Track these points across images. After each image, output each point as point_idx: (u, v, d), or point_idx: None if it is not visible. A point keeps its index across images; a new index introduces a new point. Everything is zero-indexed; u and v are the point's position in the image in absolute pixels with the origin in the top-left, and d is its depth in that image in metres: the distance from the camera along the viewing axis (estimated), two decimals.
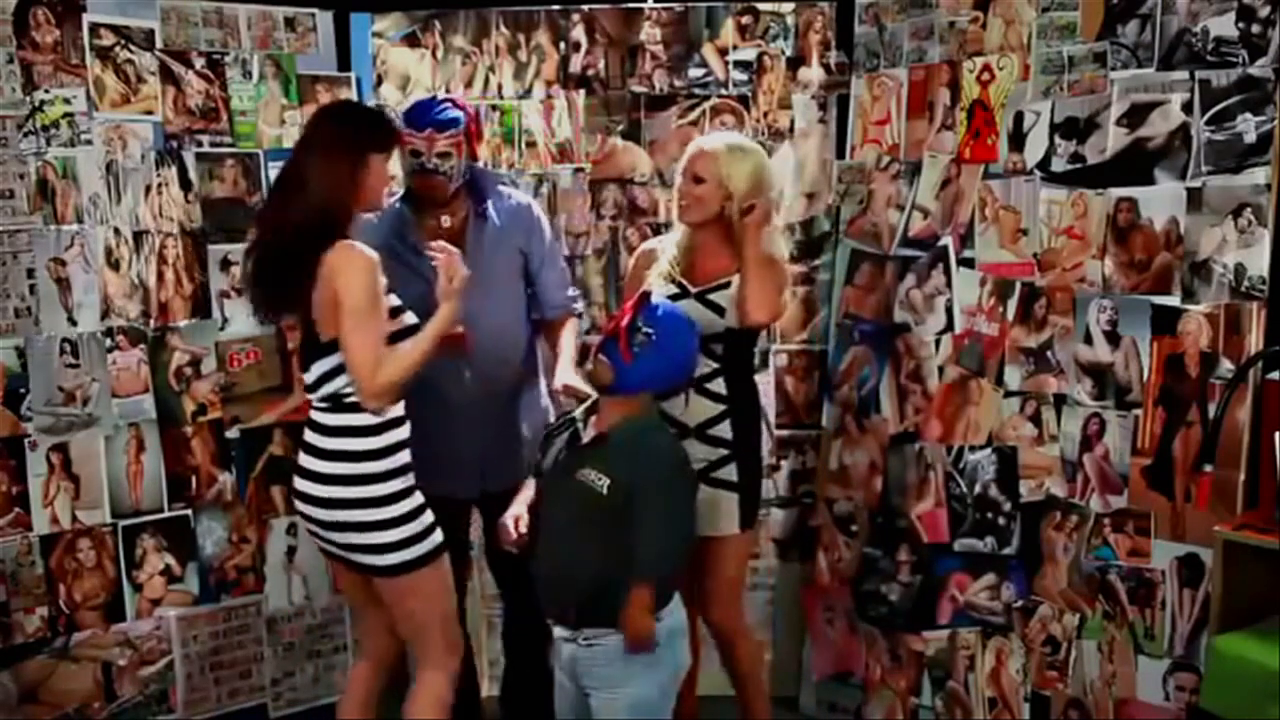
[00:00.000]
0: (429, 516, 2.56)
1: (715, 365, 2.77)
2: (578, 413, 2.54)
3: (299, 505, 2.61)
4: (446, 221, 2.95)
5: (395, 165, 2.83)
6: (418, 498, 2.55)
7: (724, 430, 2.78)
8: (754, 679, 2.99)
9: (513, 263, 3.01)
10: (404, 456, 2.54)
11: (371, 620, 2.75)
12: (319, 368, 2.52)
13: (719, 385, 2.78)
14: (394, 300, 2.56)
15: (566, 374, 2.85)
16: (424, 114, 2.88)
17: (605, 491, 2.40)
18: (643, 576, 2.38)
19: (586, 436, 2.50)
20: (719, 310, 2.76)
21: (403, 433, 2.55)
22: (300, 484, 2.58)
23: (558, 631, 2.52)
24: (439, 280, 2.55)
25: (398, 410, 2.54)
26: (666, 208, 3.52)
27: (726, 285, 2.78)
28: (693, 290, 2.80)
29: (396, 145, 2.64)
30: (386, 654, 2.77)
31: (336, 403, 2.52)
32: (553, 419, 2.84)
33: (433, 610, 2.61)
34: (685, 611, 2.55)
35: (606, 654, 2.44)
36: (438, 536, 2.56)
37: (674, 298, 2.73)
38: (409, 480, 2.54)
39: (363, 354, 2.43)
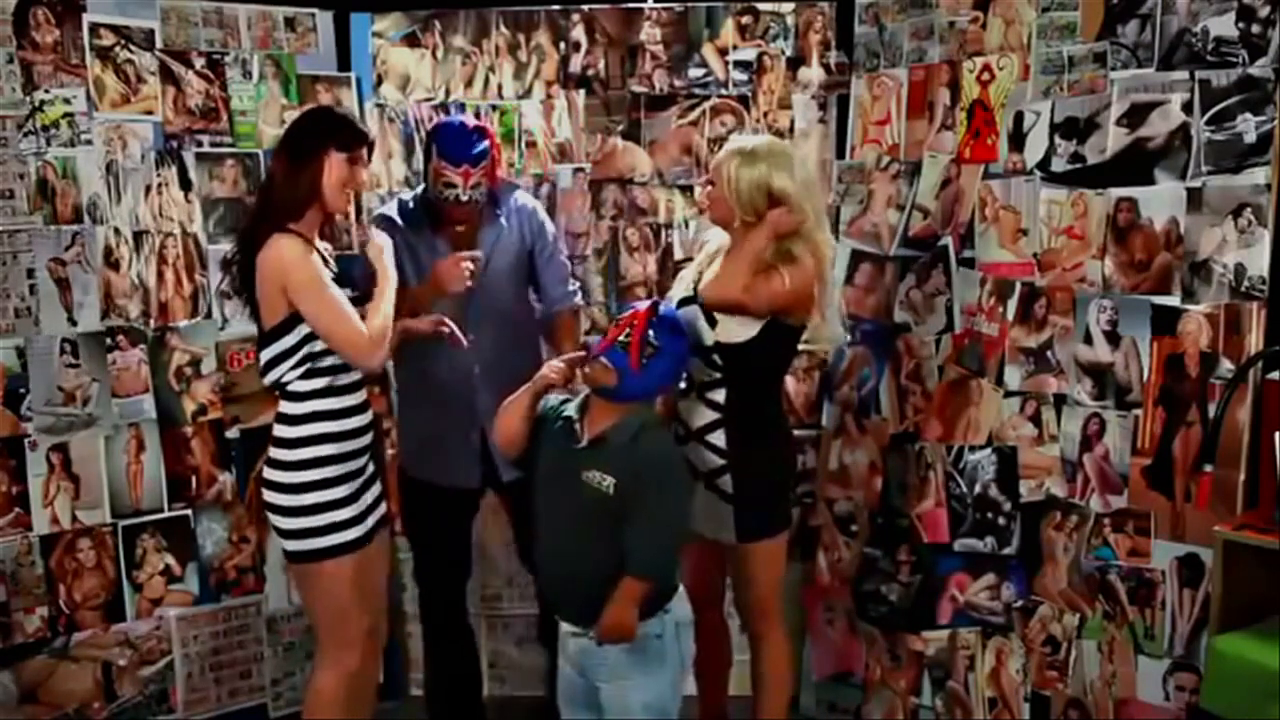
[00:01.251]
0: (336, 516, 2.59)
1: (716, 375, 2.70)
2: (571, 410, 2.55)
3: None
4: (461, 227, 3.02)
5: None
6: (327, 495, 2.58)
7: (718, 439, 2.72)
8: (772, 686, 2.91)
9: (519, 262, 3.08)
10: (320, 451, 2.58)
11: None
12: (264, 355, 2.60)
13: (717, 394, 2.71)
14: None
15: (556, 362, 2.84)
16: (460, 149, 2.90)
17: (611, 492, 2.43)
18: (637, 573, 2.42)
19: (584, 437, 2.50)
20: (712, 321, 2.69)
21: (324, 427, 2.59)
22: None
23: (565, 626, 2.55)
24: (370, 253, 2.70)
25: (325, 405, 2.58)
26: (667, 208, 3.53)
27: None
28: (703, 297, 2.74)
29: (361, 146, 2.64)
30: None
31: (280, 390, 2.62)
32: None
33: (323, 606, 2.67)
34: (690, 605, 2.58)
35: (616, 647, 2.47)
36: (338, 538, 2.60)
37: (688, 300, 2.75)
38: (320, 475, 2.58)
39: (335, 320, 2.52)
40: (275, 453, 2.62)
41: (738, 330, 2.66)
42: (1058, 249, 2.97)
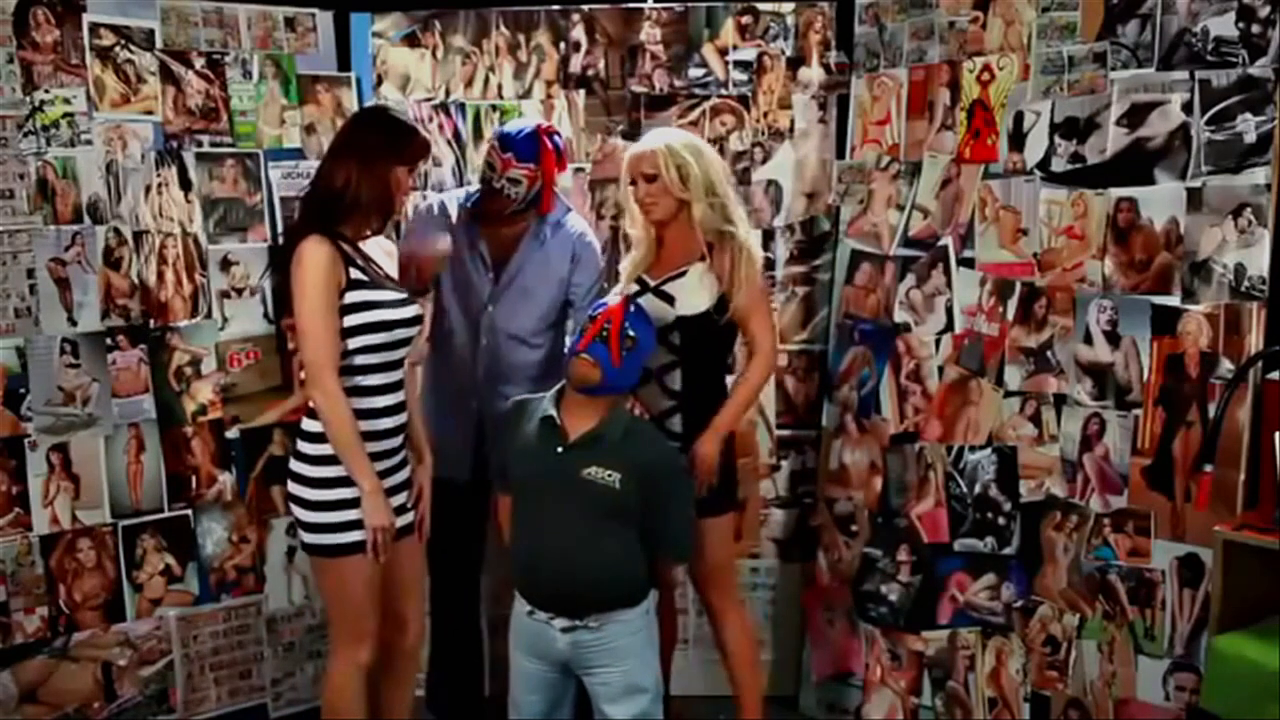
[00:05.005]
0: (346, 517, 2.58)
1: (673, 357, 2.80)
2: (548, 408, 2.59)
3: None
4: (505, 230, 3.07)
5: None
6: (344, 493, 2.57)
7: (676, 424, 2.83)
8: (745, 659, 3.00)
9: (551, 283, 3.09)
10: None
11: None
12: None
13: (674, 380, 2.83)
14: (375, 295, 2.59)
15: None
16: (509, 138, 2.99)
17: (618, 486, 2.50)
18: (682, 557, 2.73)
19: (570, 435, 2.56)
20: (670, 300, 2.81)
21: None
22: None
23: (558, 623, 2.58)
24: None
25: (352, 404, 2.58)
26: None
27: (682, 274, 2.85)
28: (651, 284, 2.86)
29: (422, 158, 2.73)
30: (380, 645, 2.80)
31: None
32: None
33: (334, 601, 2.70)
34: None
35: (615, 632, 2.56)
36: (349, 538, 2.58)
37: (637, 294, 2.83)
38: (338, 472, 2.57)
39: (305, 348, 2.53)
40: (300, 445, 2.64)
41: (696, 301, 2.82)
42: (1058, 249, 2.97)
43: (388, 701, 2.85)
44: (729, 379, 2.99)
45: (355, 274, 2.56)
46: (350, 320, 2.55)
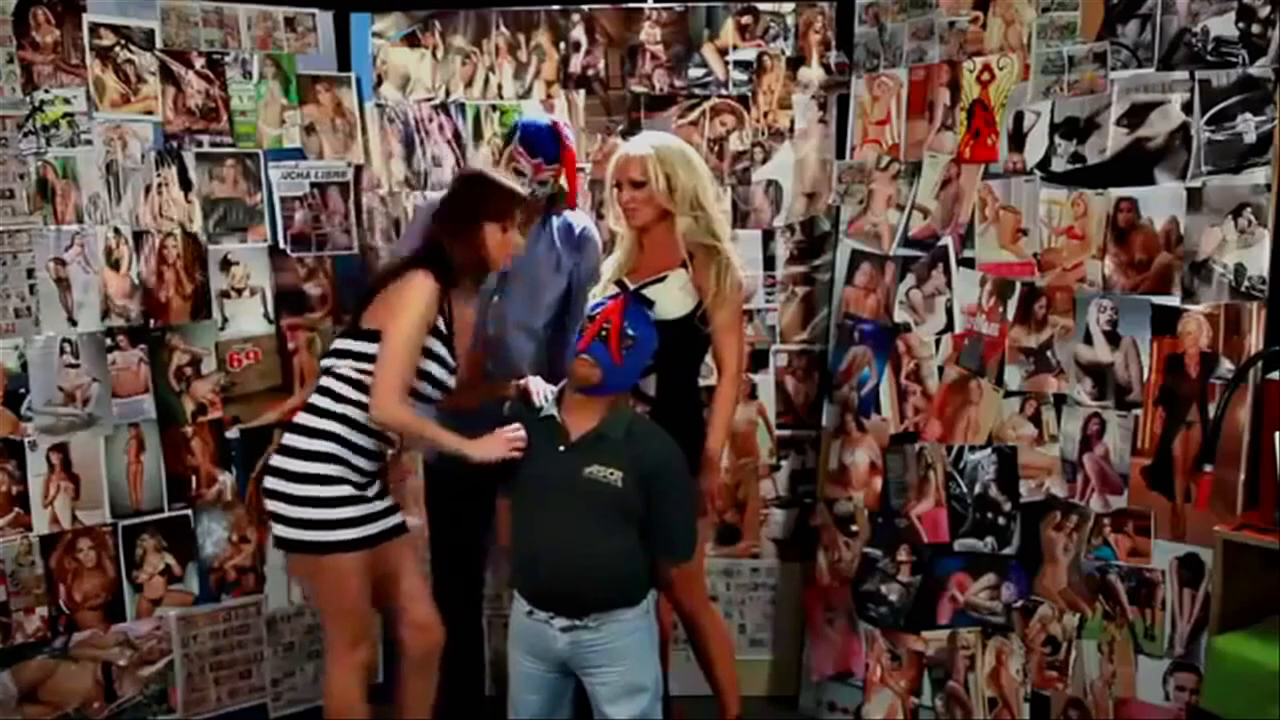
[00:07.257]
0: (344, 514, 2.58)
1: (647, 363, 2.78)
2: (551, 409, 2.60)
3: None
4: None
5: None
6: (337, 491, 2.57)
7: None
8: (722, 661, 3.02)
9: (556, 275, 3.12)
10: (334, 448, 2.58)
11: None
12: (340, 343, 2.68)
13: (648, 385, 2.82)
14: (443, 350, 2.66)
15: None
16: (537, 143, 3.03)
17: (620, 485, 2.51)
18: (685, 557, 2.67)
19: (573, 435, 2.56)
20: (649, 304, 2.81)
21: (347, 433, 2.60)
22: None
23: (557, 623, 2.57)
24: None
25: (359, 414, 2.60)
26: None
27: (661, 279, 2.85)
28: (630, 287, 2.86)
29: (516, 215, 2.72)
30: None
31: (328, 382, 2.66)
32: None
33: (329, 602, 2.70)
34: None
35: (615, 631, 2.56)
36: (344, 536, 2.58)
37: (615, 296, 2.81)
38: (334, 471, 2.57)
39: (386, 369, 2.55)
40: (290, 439, 2.63)
41: (674, 307, 2.81)
42: (1058, 249, 2.97)
43: (412, 700, 2.84)
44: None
45: (440, 324, 2.63)
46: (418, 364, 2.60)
